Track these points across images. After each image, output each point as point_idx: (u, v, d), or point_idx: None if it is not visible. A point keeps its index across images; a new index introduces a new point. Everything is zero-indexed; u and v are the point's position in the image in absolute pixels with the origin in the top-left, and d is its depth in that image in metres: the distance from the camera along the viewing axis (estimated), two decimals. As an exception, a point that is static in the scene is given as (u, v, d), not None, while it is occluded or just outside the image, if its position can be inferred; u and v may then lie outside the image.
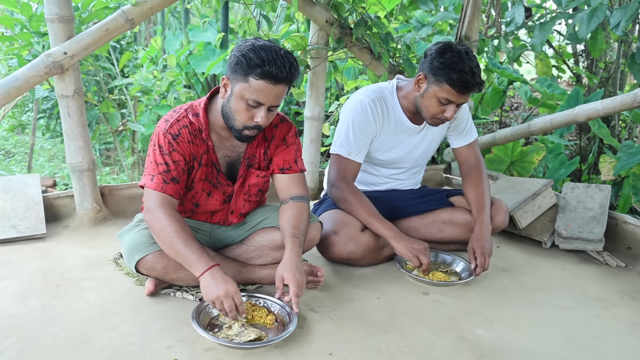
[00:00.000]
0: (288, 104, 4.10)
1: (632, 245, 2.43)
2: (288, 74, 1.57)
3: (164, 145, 1.68)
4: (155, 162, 1.68)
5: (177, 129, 1.70)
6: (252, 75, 1.55)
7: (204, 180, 1.79)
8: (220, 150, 1.79)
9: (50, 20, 2.24)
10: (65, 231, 2.39)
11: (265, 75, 1.55)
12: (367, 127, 2.09)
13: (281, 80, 1.57)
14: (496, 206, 2.21)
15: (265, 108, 1.60)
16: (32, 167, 3.89)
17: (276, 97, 1.60)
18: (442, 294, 1.95)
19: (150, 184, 1.67)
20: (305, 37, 2.76)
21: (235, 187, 1.83)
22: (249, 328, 1.58)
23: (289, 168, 1.87)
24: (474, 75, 1.89)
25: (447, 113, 1.98)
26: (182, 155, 1.70)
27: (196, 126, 1.72)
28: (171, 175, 1.68)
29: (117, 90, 3.78)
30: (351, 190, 2.06)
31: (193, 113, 1.73)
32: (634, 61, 3.07)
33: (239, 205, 1.89)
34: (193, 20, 6.22)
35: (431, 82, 1.97)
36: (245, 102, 1.59)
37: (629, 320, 1.84)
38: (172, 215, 1.63)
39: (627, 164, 2.82)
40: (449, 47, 1.94)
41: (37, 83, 2.32)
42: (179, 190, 1.71)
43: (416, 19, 4.18)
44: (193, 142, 1.72)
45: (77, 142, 2.39)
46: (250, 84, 1.57)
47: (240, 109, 1.61)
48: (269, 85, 1.56)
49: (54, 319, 1.63)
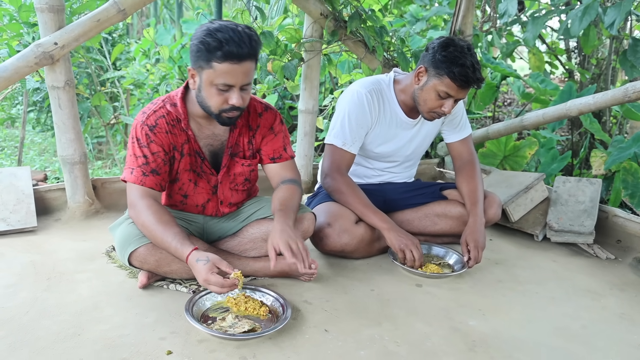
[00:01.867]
0: (282, 97, 4.09)
1: (622, 238, 2.45)
2: (250, 49, 1.54)
3: (142, 137, 1.68)
4: (134, 155, 1.69)
5: (153, 120, 1.70)
6: (214, 60, 1.53)
7: (189, 170, 1.79)
8: (201, 139, 1.78)
9: (40, 10, 2.21)
10: (56, 224, 2.37)
11: (227, 57, 1.52)
12: (363, 118, 2.09)
13: (244, 57, 1.54)
14: (489, 199, 2.22)
15: (237, 88, 1.59)
16: (23, 161, 3.84)
17: (244, 75, 1.58)
18: (435, 286, 1.95)
19: (130, 177, 1.68)
20: (300, 30, 2.75)
21: (219, 177, 1.83)
22: (242, 319, 1.57)
23: (279, 157, 1.88)
24: (474, 71, 1.91)
25: (445, 107, 1.99)
26: (161, 146, 1.69)
27: (174, 116, 1.72)
28: (150, 167, 1.68)
29: (109, 83, 3.75)
30: (345, 181, 2.07)
31: (171, 103, 1.73)
32: (626, 57, 3.09)
33: (226, 195, 1.89)
34: (187, 14, 6.18)
35: (432, 75, 1.98)
36: (216, 87, 1.58)
37: (618, 310, 1.87)
38: (151, 206, 1.64)
39: (617, 158, 2.85)
40: (451, 42, 1.95)
41: (27, 74, 2.29)
42: (160, 181, 1.71)
43: (410, 14, 4.18)
44: (171, 132, 1.72)
45: (68, 134, 2.36)
46: (215, 69, 1.55)
47: (212, 95, 1.60)
48: (233, 65, 1.54)
49: (46, 312, 1.62)
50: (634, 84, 2.45)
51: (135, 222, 1.68)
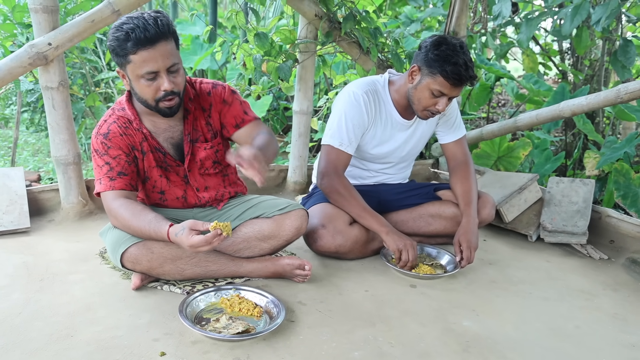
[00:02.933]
0: (277, 98, 4.09)
1: (615, 239, 2.47)
2: (157, 29, 1.53)
3: (99, 147, 1.73)
4: (99, 167, 1.73)
5: (106, 128, 1.74)
6: (129, 52, 1.54)
7: (155, 167, 1.82)
8: (159, 135, 1.80)
9: (34, 11, 2.20)
10: (50, 225, 2.36)
11: (137, 44, 1.52)
12: (360, 118, 2.09)
13: (154, 39, 1.53)
14: (483, 200, 2.23)
15: (164, 73, 1.58)
16: (16, 162, 3.82)
17: (164, 58, 1.57)
18: (428, 287, 1.96)
19: (100, 187, 1.72)
20: (294, 31, 2.75)
21: (185, 165, 1.84)
22: (236, 320, 1.57)
23: (242, 121, 1.86)
24: (467, 69, 1.91)
25: (439, 105, 1.99)
26: (119, 148, 1.73)
27: (125, 119, 1.75)
28: (116, 171, 1.71)
29: (104, 83, 3.73)
30: (342, 183, 2.07)
31: (119, 108, 1.78)
32: (616, 58, 3.11)
33: (199, 181, 1.90)
34: (182, 15, 6.16)
35: (425, 74, 1.98)
36: (143, 79, 1.59)
37: (611, 311, 1.88)
38: (123, 204, 1.67)
39: (609, 158, 2.87)
40: (444, 40, 1.95)
41: (21, 74, 2.28)
42: (129, 181, 1.74)
43: (405, 15, 4.19)
44: (126, 134, 1.74)
45: (62, 134, 2.35)
46: (134, 61, 1.55)
47: (143, 88, 1.61)
48: (147, 50, 1.54)
49: (38, 313, 1.61)
50: (626, 85, 2.47)
51: (116, 226, 1.72)
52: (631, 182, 2.75)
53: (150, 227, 1.61)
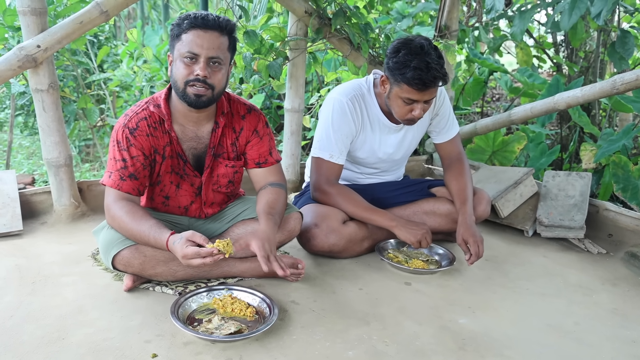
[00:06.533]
0: (270, 97, 4.07)
1: (613, 232, 2.45)
2: (216, 20, 1.60)
3: (122, 140, 1.69)
4: (114, 159, 1.69)
5: (135, 122, 1.69)
6: (182, 30, 1.60)
7: (170, 173, 1.78)
8: (185, 142, 1.77)
9: (22, 13, 2.18)
10: (42, 227, 2.34)
11: (192, 25, 1.59)
12: (347, 127, 2.05)
13: (210, 25, 1.59)
14: (478, 196, 2.20)
15: (203, 60, 1.59)
16: (10, 165, 3.80)
17: (211, 46, 1.60)
18: (424, 284, 1.94)
19: (108, 181, 1.69)
20: (284, 28, 2.73)
21: (203, 178, 1.81)
22: (229, 321, 1.56)
23: (265, 162, 1.87)
24: (429, 70, 1.81)
25: (415, 112, 1.92)
26: (141, 149, 1.69)
27: (157, 117, 1.71)
28: (129, 172, 1.68)
29: (95, 85, 3.71)
30: (338, 192, 2.05)
31: (154, 104, 1.73)
32: (614, 49, 3.08)
33: (209, 196, 1.88)
34: (174, 15, 6.14)
35: (392, 83, 1.92)
36: (185, 58, 1.60)
37: (610, 306, 1.86)
38: (124, 206, 1.64)
39: (607, 151, 2.84)
40: (403, 45, 1.87)
41: (10, 77, 2.27)
42: (138, 186, 1.71)
43: (396, 10, 4.17)
44: (152, 135, 1.71)
45: (53, 137, 2.33)
46: (183, 39, 1.60)
47: (179, 67, 1.62)
48: (199, 32, 1.59)
49: (30, 316, 1.60)
50: (622, 76, 2.44)
51: (112, 226, 1.68)
52: (630, 174, 2.73)
53: (150, 233, 1.58)
